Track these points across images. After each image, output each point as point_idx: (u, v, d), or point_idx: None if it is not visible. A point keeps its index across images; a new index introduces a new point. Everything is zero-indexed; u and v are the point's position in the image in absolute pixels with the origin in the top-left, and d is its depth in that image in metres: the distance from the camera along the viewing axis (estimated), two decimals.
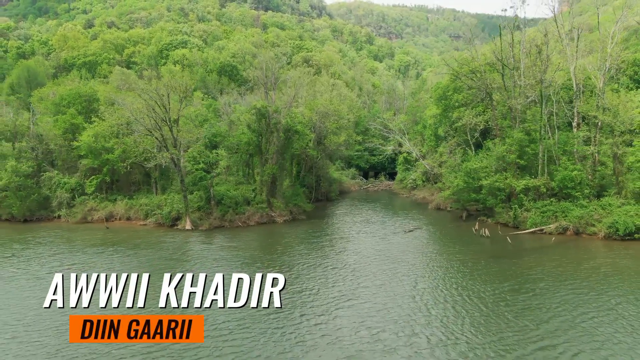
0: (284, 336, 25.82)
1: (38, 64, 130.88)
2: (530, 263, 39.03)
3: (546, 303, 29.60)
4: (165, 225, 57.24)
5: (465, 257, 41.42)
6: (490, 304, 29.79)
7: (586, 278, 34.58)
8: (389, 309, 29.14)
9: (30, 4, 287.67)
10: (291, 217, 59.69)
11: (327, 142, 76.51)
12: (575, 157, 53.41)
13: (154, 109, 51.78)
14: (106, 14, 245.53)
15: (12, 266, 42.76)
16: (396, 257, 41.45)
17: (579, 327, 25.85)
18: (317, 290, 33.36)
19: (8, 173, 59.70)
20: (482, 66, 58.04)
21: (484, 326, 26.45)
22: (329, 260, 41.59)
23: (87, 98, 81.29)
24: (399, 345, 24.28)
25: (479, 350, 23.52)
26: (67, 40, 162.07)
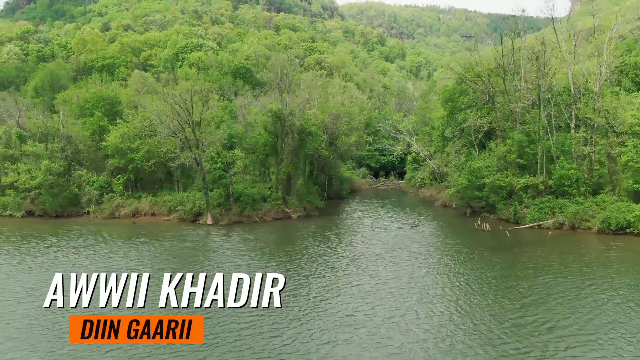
0: (291, 323, 30.12)
1: (59, 67, 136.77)
2: (523, 254, 43.13)
3: (527, 286, 33.74)
4: (188, 221, 61.88)
5: (463, 248, 45.66)
6: (476, 286, 34.18)
7: (568, 265, 38.71)
8: (387, 288, 33.57)
9: (47, 7, 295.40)
10: (305, 213, 64.07)
11: (338, 143, 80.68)
12: (573, 156, 57.08)
13: (178, 112, 56.47)
14: (121, 16, 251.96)
15: (53, 254, 47.76)
16: (399, 248, 45.79)
17: (551, 304, 30.02)
18: (324, 275, 37.91)
19: (42, 172, 64.77)
20: (486, 70, 61.88)
21: (467, 302, 30.80)
22: (338, 250, 46.09)
23: (110, 101, 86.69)
24: (394, 315, 28.58)
25: (455, 321, 27.74)
26: (86, 43, 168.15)
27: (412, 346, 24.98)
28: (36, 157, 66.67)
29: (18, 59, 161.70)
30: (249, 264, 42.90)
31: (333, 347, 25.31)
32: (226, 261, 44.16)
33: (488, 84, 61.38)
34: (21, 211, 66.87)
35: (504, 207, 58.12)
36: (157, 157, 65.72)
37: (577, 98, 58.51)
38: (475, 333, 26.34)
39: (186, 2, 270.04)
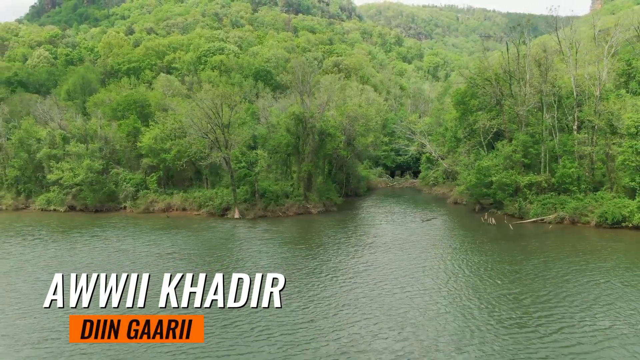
0: (300, 310, 35.82)
1: (89, 71, 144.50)
2: (521, 244, 48.36)
3: (516, 269, 39.05)
4: (216, 215, 68.00)
5: (467, 239, 51.13)
6: (473, 267, 39.80)
7: (558, 253, 43.89)
8: (394, 270, 39.25)
9: (71, 10, 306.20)
10: (324, 209, 69.70)
11: (356, 143, 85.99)
12: (575, 156, 61.72)
13: (209, 115, 62.62)
14: (144, 19, 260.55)
15: (99, 242, 54.24)
16: (408, 238, 51.42)
17: (531, 281, 35.33)
18: (339, 260, 43.79)
19: (84, 170, 71.49)
20: (494, 75, 66.78)
21: (464, 282, 36.25)
22: (352, 240, 52.08)
23: (140, 104, 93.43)
24: (398, 291, 34.19)
25: (452, 294, 33.19)
26: (112, 47, 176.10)
27: (407, 302, 30.56)
28: (78, 156, 73.41)
29: (48, 62, 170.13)
30: (273, 251, 49.04)
31: (341, 310, 30.99)
32: (252, 249, 50.28)
33: (496, 88, 66.26)
34: (64, 206, 73.74)
35: (509, 203, 62.96)
36: (187, 156, 71.94)
37: (580, 101, 63.04)
38: (458, 299, 31.78)
39: (206, 5, 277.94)
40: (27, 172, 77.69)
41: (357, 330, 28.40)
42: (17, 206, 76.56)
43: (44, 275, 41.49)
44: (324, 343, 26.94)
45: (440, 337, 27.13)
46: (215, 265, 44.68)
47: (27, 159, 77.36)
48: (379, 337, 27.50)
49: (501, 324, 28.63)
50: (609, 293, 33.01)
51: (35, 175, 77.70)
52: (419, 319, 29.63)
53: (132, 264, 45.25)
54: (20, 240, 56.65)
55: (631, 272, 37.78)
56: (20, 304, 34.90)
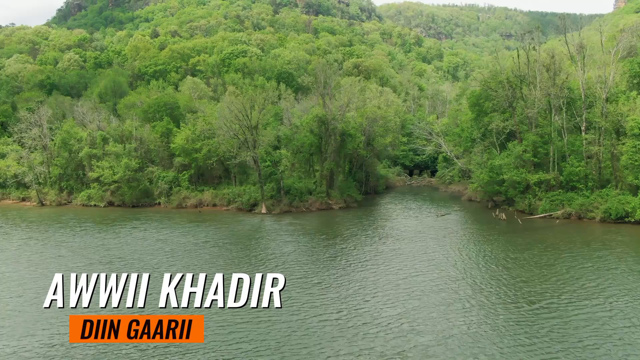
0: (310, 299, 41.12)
1: (118, 74, 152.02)
2: (528, 236, 53.06)
3: (518, 256, 43.82)
4: (244, 210, 73.71)
5: (477, 231, 56.12)
6: (482, 254, 44.63)
7: (557, 243, 48.43)
8: (404, 255, 44.34)
9: (97, 14, 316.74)
10: (345, 205, 74.96)
11: (375, 143, 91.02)
12: (583, 155, 65.93)
13: (239, 117, 68.41)
14: (167, 22, 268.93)
15: (139, 232, 60.35)
16: (421, 230, 56.74)
17: (527, 268, 40.15)
18: (354, 247, 49.70)
19: (122, 168, 77.86)
20: (506, 79, 71.27)
21: (467, 268, 41.23)
22: (368, 232, 57.48)
23: (170, 106, 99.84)
24: (408, 277, 39.36)
25: (459, 279, 38.23)
26: (139, 50, 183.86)
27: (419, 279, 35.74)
28: (116, 155, 79.83)
29: (78, 65, 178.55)
30: (297, 240, 55.02)
31: (363, 287, 36.29)
32: (278, 239, 56.12)
33: (508, 91, 70.75)
34: (104, 202, 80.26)
35: (520, 200, 67.46)
36: (217, 155, 77.86)
37: (591, 103, 67.09)
38: (461, 280, 36.87)
39: (228, 8, 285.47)
40: (69, 170, 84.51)
41: (367, 299, 33.68)
42: (60, 202, 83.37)
43: (97, 259, 47.59)
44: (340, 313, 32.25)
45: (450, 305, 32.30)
46: (246, 251, 50.72)
47: (69, 158, 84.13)
48: (395, 306, 32.74)
49: (505, 299, 33.64)
50: (609, 276, 37.73)
51: (77, 173, 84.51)
52: (425, 290, 34.83)
53: (172, 251, 51.15)
54: (69, 231, 63.08)
55: (632, 258, 42.51)
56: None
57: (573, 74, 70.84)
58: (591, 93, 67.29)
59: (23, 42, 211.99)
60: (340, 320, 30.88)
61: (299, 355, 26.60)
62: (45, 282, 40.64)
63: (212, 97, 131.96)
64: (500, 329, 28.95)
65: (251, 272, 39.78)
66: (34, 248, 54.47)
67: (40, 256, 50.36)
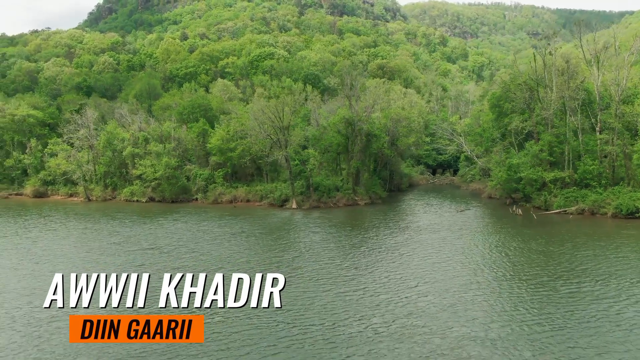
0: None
1: (152, 77, 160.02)
2: (542, 229, 57.80)
3: (526, 246, 48.81)
4: (276, 205, 79.82)
5: (494, 225, 61.31)
6: (497, 244, 49.57)
7: (575, 236, 53.10)
8: (422, 248, 49.77)
9: (127, 16, 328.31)
10: (370, 201, 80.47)
11: (399, 143, 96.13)
12: (598, 155, 70.15)
13: (272, 119, 74.59)
14: (195, 24, 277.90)
15: (181, 224, 66.90)
16: (439, 224, 62.09)
17: (533, 257, 45.12)
18: (376, 237, 55.52)
19: (162, 166, 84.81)
20: (523, 83, 75.84)
21: (480, 258, 46.51)
22: (389, 224, 62.86)
23: (203, 107, 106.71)
24: (426, 260, 44.83)
25: (471, 266, 43.57)
26: (170, 53, 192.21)
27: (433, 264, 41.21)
28: (157, 154, 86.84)
29: (112, 68, 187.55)
30: (325, 231, 61.12)
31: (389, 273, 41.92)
32: (308, 230, 62.29)
33: (526, 93, 75.32)
34: (145, 197, 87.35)
35: (537, 197, 71.97)
36: (250, 155, 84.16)
37: (608, 104, 71.22)
38: (470, 266, 42.19)
39: (254, 10, 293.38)
40: (113, 168, 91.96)
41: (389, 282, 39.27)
42: (105, 197, 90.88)
43: (147, 246, 54.19)
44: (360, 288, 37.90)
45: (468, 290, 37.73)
46: (278, 240, 57.32)
47: (112, 156, 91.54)
48: (417, 288, 38.31)
49: (518, 282, 38.91)
50: (618, 263, 42.52)
51: (120, 170, 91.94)
52: (444, 275, 40.27)
53: (212, 239, 57.52)
54: (118, 222, 70.04)
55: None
56: (125, 267, 47.44)
57: (589, 76, 75.01)
58: (607, 95, 71.53)
59: (59, 45, 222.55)
60: (361, 293, 36.61)
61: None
62: (105, 266, 47.58)
63: (241, 99, 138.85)
64: (505, 298, 34.33)
65: (269, 265, 46.37)
66: (91, 236, 61.60)
67: (99, 243, 57.27)
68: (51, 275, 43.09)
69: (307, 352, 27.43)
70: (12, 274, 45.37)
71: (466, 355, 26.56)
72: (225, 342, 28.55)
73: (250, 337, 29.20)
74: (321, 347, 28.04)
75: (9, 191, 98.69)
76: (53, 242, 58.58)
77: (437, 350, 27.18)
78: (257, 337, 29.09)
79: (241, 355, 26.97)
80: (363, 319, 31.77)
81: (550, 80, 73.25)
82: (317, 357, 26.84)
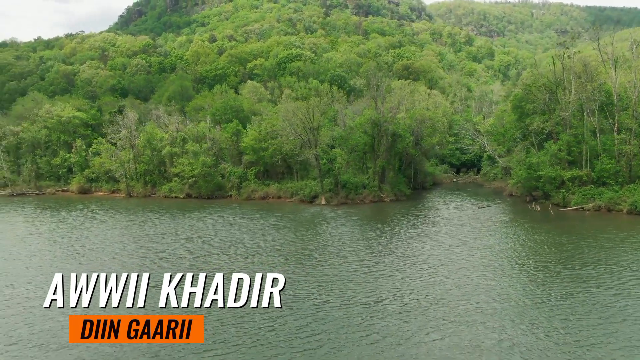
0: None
1: (183, 79, 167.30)
2: (553, 223, 62.11)
3: (537, 238, 53.32)
4: (306, 202, 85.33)
5: (510, 220, 65.85)
6: (514, 236, 54.23)
7: (590, 229, 57.29)
8: (440, 238, 54.63)
9: (156, 19, 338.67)
10: (395, 198, 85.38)
11: (423, 143, 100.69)
12: (615, 154, 73.79)
13: (303, 120, 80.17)
14: (222, 26, 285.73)
15: (218, 217, 72.84)
16: (460, 218, 67.11)
17: (542, 248, 49.63)
18: (400, 229, 60.82)
19: (199, 164, 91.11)
20: (543, 85, 79.81)
21: (495, 246, 51.25)
22: (415, 218, 67.93)
23: (235, 109, 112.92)
24: (445, 249, 49.75)
25: (485, 252, 48.38)
26: (199, 55, 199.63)
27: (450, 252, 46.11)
28: (194, 153, 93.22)
29: (144, 70, 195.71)
30: (351, 224, 66.47)
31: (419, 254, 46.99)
32: (336, 223, 67.76)
33: (545, 95, 79.28)
34: (183, 194, 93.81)
35: (555, 194, 75.92)
36: (281, 154, 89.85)
37: (625, 106, 74.75)
38: (483, 252, 47.01)
39: (280, 11, 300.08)
40: (152, 166, 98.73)
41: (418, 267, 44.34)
42: (145, 194, 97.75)
43: (190, 235, 60.20)
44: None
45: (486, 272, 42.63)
46: (308, 231, 63.06)
47: (152, 155, 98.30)
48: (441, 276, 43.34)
49: (534, 269, 43.65)
50: (619, 252, 46.90)
51: (159, 168, 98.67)
52: (462, 262, 45.18)
53: (249, 231, 63.29)
54: (160, 216, 76.43)
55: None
56: (166, 256, 53.40)
57: (607, 78, 78.58)
58: (625, 96, 75.14)
59: (93, 48, 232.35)
60: (386, 275, 41.80)
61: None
62: (155, 253, 53.67)
63: (269, 100, 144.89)
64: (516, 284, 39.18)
65: (301, 251, 52.04)
66: (138, 228, 68.02)
67: (146, 233, 63.63)
68: (111, 259, 50.02)
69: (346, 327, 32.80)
70: (73, 259, 51.93)
71: (479, 316, 31.63)
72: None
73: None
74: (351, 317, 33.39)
75: (55, 188, 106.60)
76: (105, 232, 65.22)
77: (454, 313, 32.34)
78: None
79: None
80: (382, 292, 37.09)
81: (569, 83, 77.09)
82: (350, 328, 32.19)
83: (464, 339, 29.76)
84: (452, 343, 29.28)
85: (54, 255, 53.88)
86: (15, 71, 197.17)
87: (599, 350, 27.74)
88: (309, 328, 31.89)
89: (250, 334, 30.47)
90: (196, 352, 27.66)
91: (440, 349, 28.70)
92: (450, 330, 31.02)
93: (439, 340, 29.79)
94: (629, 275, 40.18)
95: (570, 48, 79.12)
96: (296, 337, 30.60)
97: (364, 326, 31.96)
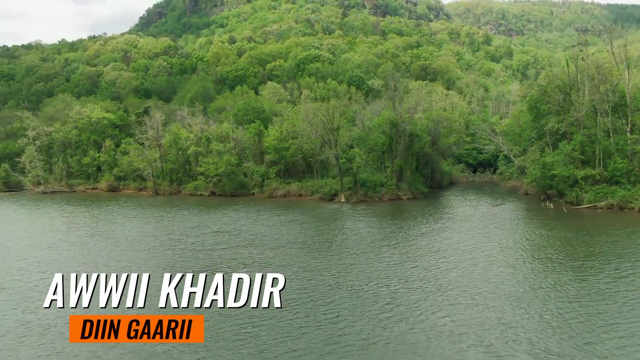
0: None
1: (205, 80, 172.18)
2: (565, 220, 65.05)
3: (548, 233, 56.41)
4: (326, 199, 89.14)
5: (523, 217, 68.87)
6: (527, 231, 57.39)
7: (601, 226, 60.20)
8: (454, 233, 57.99)
9: (176, 20, 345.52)
10: (412, 196, 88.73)
11: (440, 143, 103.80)
12: (628, 154, 76.27)
13: (324, 121, 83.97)
14: (241, 27, 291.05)
15: (242, 213, 76.95)
16: (474, 215, 70.47)
17: (553, 243, 52.73)
18: (416, 225, 64.53)
19: (223, 163, 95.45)
20: (557, 86, 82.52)
21: (505, 240, 54.47)
22: (431, 215, 71.46)
23: (257, 110, 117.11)
24: (455, 242, 53.20)
25: (496, 245, 51.68)
26: (219, 57, 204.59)
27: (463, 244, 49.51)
28: (218, 153, 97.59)
29: (166, 72, 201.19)
30: (369, 220, 70.38)
31: (431, 243, 50.48)
32: (355, 219, 71.54)
33: (559, 96, 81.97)
34: (207, 191, 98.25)
35: (569, 193, 78.57)
36: (302, 153, 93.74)
37: (637, 107, 77.21)
38: (495, 245, 50.31)
39: (297, 12, 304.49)
40: (178, 165, 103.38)
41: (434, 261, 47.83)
42: (171, 191, 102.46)
43: (216, 229, 64.34)
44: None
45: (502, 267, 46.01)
46: (328, 226, 67.23)
47: (177, 154, 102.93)
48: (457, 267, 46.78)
49: (545, 261, 46.91)
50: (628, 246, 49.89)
51: (185, 167, 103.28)
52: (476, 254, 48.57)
53: (272, 226, 67.37)
54: (187, 212, 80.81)
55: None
56: (184, 250, 57.49)
57: (619, 79, 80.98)
58: (639, 97, 77.61)
59: (115, 50, 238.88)
60: (399, 263, 45.41)
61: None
62: (174, 251, 57.79)
63: (289, 100, 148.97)
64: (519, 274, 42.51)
65: (322, 244, 55.77)
66: (167, 222, 72.46)
67: (176, 227, 67.99)
68: (144, 250, 54.31)
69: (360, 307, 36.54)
70: (115, 251, 56.38)
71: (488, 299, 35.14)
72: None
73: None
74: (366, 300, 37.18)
75: (85, 186, 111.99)
76: (138, 227, 69.81)
77: (460, 297, 35.89)
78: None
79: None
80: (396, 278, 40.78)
81: (583, 84, 79.71)
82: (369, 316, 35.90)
83: (467, 317, 33.41)
84: (457, 320, 32.97)
85: (95, 248, 58.51)
86: (42, 73, 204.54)
87: (588, 332, 31.05)
88: (329, 307, 35.98)
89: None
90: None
91: (445, 325, 32.48)
92: (456, 310, 34.77)
93: (445, 317, 33.62)
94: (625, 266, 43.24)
95: (584, 50, 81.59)
96: (319, 314, 34.51)
97: (378, 306, 35.85)
